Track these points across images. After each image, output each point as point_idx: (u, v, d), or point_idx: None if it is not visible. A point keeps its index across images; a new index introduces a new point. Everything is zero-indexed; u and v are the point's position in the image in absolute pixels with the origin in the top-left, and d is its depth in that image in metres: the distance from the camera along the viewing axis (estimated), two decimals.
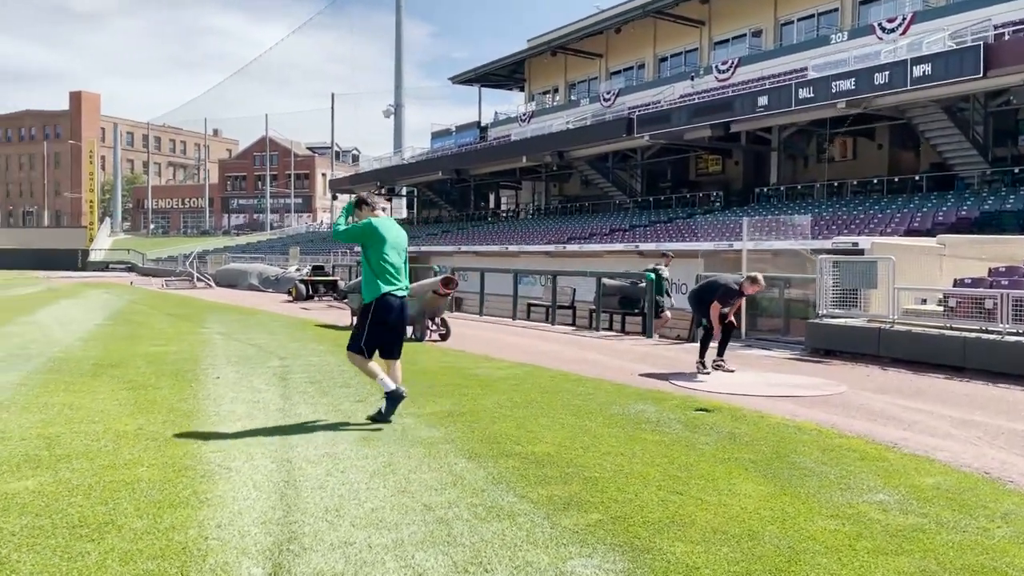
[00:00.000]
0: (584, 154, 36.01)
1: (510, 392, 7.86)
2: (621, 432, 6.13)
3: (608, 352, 12.03)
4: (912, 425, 6.76)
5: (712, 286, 9.59)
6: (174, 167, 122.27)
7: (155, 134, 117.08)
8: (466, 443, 5.64)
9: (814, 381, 9.25)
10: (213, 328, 14.60)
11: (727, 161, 36.85)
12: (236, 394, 7.53)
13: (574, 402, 7.38)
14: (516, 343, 13.07)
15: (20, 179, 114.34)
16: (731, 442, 5.90)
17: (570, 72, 48.21)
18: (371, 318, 6.25)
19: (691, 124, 28.58)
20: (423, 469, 4.94)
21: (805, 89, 24.32)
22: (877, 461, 5.43)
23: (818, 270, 12.14)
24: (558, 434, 6.01)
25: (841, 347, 11.56)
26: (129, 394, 7.38)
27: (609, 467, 5.08)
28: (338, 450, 5.38)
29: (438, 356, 10.80)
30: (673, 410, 7.09)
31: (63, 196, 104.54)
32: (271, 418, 6.46)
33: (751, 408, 7.31)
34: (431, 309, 12.89)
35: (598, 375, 9.27)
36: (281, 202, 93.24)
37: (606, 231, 30.98)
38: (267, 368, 9.28)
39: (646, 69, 43.16)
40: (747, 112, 26.29)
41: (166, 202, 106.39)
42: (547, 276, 18.46)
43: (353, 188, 50.13)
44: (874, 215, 22.26)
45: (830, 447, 5.81)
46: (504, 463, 5.10)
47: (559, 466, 5.07)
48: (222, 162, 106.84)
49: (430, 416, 6.59)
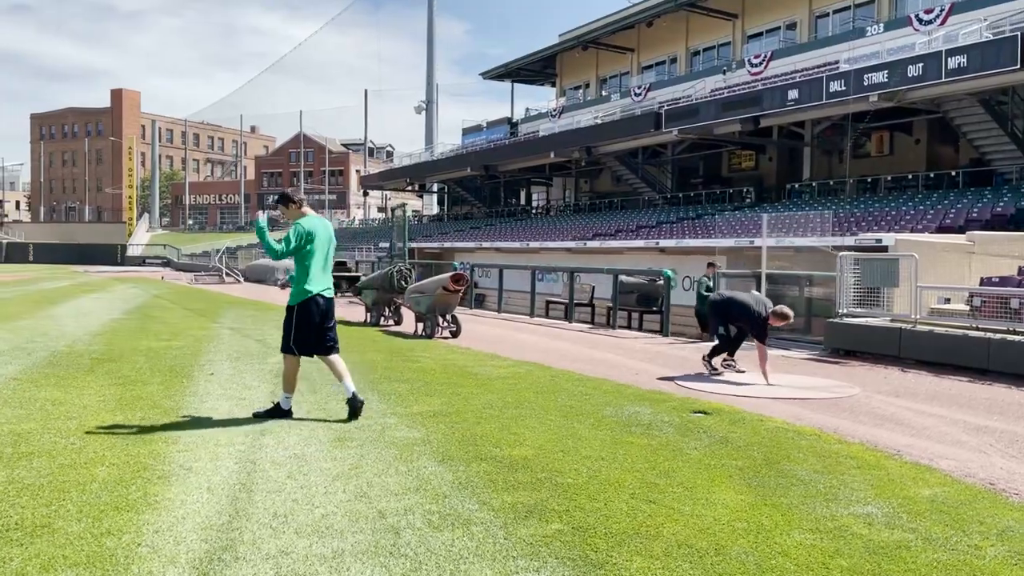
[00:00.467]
0: (612, 150, 35.58)
1: (504, 392, 7.64)
2: (608, 435, 5.88)
3: (619, 351, 11.75)
4: (921, 431, 6.42)
5: (742, 309, 9.08)
6: (212, 163, 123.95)
7: (193, 131, 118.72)
8: (443, 445, 5.43)
9: (827, 383, 8.91)
10: (225, 323, 14.59)
11: (760, 157, 36.18)
12: (225, 391, 7.41)
13: (568, 403, 7.14)
14: (527, 341, 12.85)
15: (63, 175, 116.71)
16: (722, 447, 5.62)
17: (601, 67, 47.73)
18: (296, 320, 6.13)
19: (720, 119, 28.05)
20: (389, 473, 4.74)
21: (836, 82, 23.70)
22: (874, 470, 5.11)
23: (838, 268, 11.74)
24: (541, 436, 5.78)
25: (862, 348, 11.16)
26: (117, 390, 7.29)
27: (585, 472, 4.84)
28: (308, 451, 5.21)
29: (443, 353, 10.62)
30: (669, 412, 6.82)
31: (104, 192, 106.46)
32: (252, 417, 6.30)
33: (753, 411, 7.01)
34: (441, 306, 12.71)
35: (602, 374, 9.01)
36: (315, 198, 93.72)
37: (632, 228, 30.58)
38: (265, 364, 9.17)
39: (678, 63, 42.55)
40: (777, 106, 25.71)
41: (204, 198, 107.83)
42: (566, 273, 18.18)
43: (383, 185, 50.31)
44: (906, 211, 21.61)
45: (827, 454, 5.51)
46: (476, 467, 4.89)
47: (533, 471, 4.84)
48: (258, 158, 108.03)
49: (415, 416, 6.40)
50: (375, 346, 11.33)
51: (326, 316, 6.23)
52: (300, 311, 6.14)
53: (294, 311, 6.16)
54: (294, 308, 6.17)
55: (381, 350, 10.83)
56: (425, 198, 56.54)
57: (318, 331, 6.18)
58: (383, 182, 53.79)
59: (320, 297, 6.19)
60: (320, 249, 6.21)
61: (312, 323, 6.14)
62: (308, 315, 6.13)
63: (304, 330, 6.14)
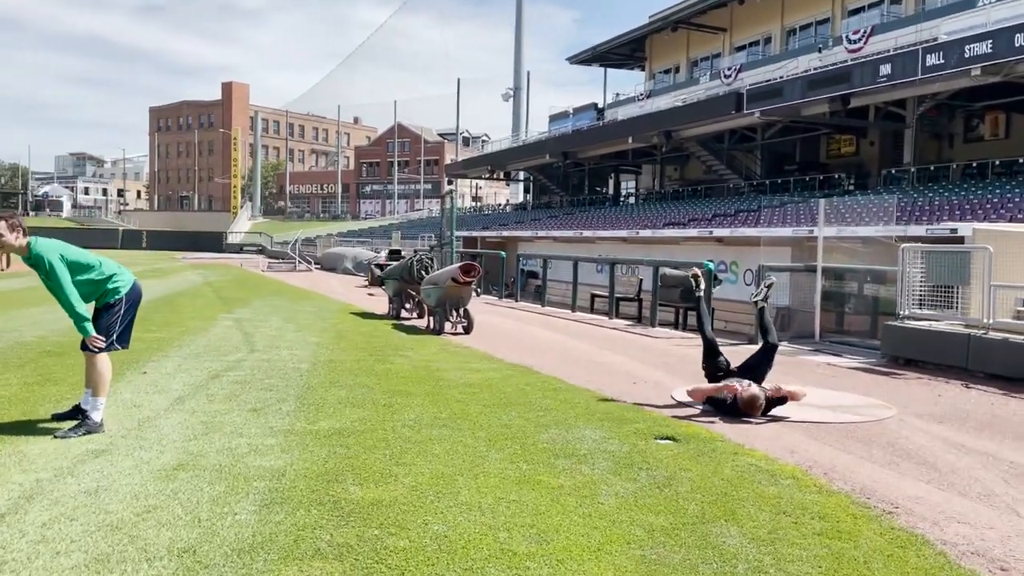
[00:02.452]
0: (694, 134, 33.58)
1: (451, 404, 6.52)
2: (518, 470, 4.68)
3: (639, 353, 10.42)
4: (946, 475, 4.93)
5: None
6: (316, 154, 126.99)
7: (299, 123, 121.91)
8: (294, 480, 4.36)
9: (860, 401, 7.37)
10: (241, 313, 13.98)
11: (861, 141, 33.49)
12: (127, 394, 6.56)
13: (512, 421, 5.95)
14: (541, 339, 11.66)
15: (178, 166, 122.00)
16: (655, 493, 4.34)
17: (692, 48, 45.47)
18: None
19: (806, 98, 25.80)
20: (179, 523, 3.71)
21: (933, 55, 21.25)
22: (840, 539, 3.74)
23: (900, 261, 10.01)
24: (433, 469, 4.64)
25: (924, 356, 9.46)
26: (18, 390, 6.56)
27: (437, 530, 3.68)
28: (100, 478, 4.23)
29: (431, 352, 9.56)
30: (625, 438, 5.54)
31: (214, 182, 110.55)
32: (116, 428, 5.40)
33: (737, 439, 5.64)
34: (452, 299, 11.66)
35: (592, 383, 7.76)
36: (412, 188, 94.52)
37: (708, 216, 28.63)
38: (220, 362, 8.34)
39: (773, 43, 39.98)
40: (868, 83, 23.36)
41: (306, 188, 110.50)
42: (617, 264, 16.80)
43: (466, 173, 49.67)
44: (1009, 199, 19.12)
45: (790, 509, 4.15)
46: (297, 516, 3.79)
47: (368, 524, 3.71)
48: (358, 149, 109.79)
49: (309, 435, 5.36)
50: (367, 342, 10.38)
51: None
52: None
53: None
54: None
55: (364, 347, 9.86)
56: (511, 187, 55.60)
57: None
58: (466, 170, 53.13)
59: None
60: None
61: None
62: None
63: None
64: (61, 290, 5.17)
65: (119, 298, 5.49)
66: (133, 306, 5.60)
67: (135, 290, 5.62)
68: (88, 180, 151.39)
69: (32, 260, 5.19)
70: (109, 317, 5.41)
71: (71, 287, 5.20)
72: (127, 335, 5.54)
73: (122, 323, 5.47)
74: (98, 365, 5.31)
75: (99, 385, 5.31)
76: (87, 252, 5.50)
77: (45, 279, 5.23)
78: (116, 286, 5.51)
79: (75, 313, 5.19)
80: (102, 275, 5.44)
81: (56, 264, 5.19)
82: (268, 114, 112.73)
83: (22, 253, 5.21)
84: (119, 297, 5.50)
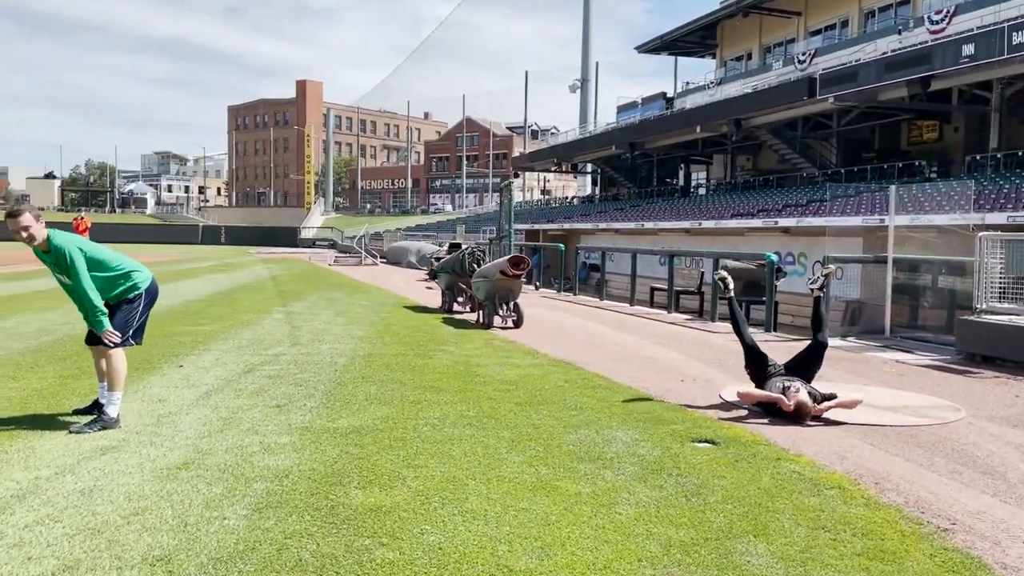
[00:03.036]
0: (764, 122, 32.45)
1: (482, 401, 6.25)
2: (536, 475, 4.37)
3: (692, 349, 9.97)
4: (1016, 487, 4.44)
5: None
6: (388, 149, 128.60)
7: (371, 119, 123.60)
8: (297, 482, 4.15)
9: (926, 401, 6.81)
10: (295, 306, 13.99)
11: (945, 127, 31.86)
12: (156, 388, 6.49)
13: (541, 421, 5.65)
14: (591, 333, 11.29)
15: (255, 163, 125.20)
16: (682, 501, 3.98)
17: (765, 34, 44.06)
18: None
19: (882, 82, 24.59)
20: (162, 527, 3.53)
21: (1021, 33, 19.95)
22: (884, 560, 3.33)
23: (977, 251, 9.31)
24: (446, 472, 4.38)
25: (1002, 353, 8.76)
26: (52, 383, 6.56)
27: (432, 541, 3.40)
28: (99, 477, 4.09)
29: (475, 348, 9.31)
30: (660, 440, 5.17)
31: (289, 178, 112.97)
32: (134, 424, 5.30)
33: (783, 443, 5.22)
34: (502, 292, 11.39)
35: (634, 381, 7.38)
36: (480, 182, 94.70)
37: (779, 207, 27.60)
38: (259, 356, 8.26)
39: (850, 26, 38.40)
40: (949, 64, 22.11)
41: (377, 183, 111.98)
42: (679, 256, 16.28)
43: (532, 165, 49.30)
44: None
45: (830, 524, 3.74)
46: (288, 522, 3.57)
47: (360, 532, 3.47)
48: (428, 143, 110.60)
49: (329, 432, 5.17)
50: (412, 337, 10.19)
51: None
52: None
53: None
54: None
55: (408, 342, 9.67)
56: (578, 179, 55.01)
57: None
58: (532, 163, 52.72)
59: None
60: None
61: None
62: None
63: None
64: (80, 282, 5.08)
65: (138, 293, 5.40)
66: (151, 303, 5.51)
67: (153, 287, 5.52)
68: (171, 178, 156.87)
69: (51, 253, 5.12)
70: (128, 312, 5.32)
71: (89, 280, 5.11)
72: (141, 331, 5.45)
73: (139, 319, 5.37)
74: (114, 360, 5.22)
75: (115, 380, 5.21)
76: (104, 248, 5.42)
77: (62, 273, 5.15)
78: (135, 282, 5.41)
79: (93, 306, 5.10)
80: (119, 271, 5.35)
81: (77, 256, 5.11)
82: (340, 111, 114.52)
83: (43, 247, 5.14)
84: (138, 292, 5.40)
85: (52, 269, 5.21)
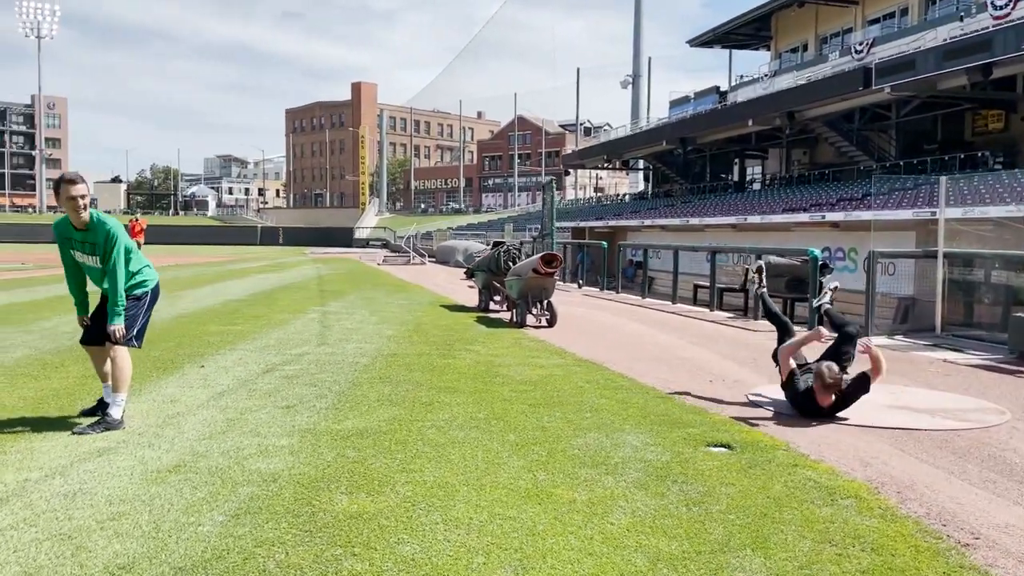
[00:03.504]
0: (819, 114, 31.57)
1: (496, 403, 6.08)
2: (532, 480, 4.19)
3: (728, 349, 9.65)
4: None
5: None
6: (442, 149, 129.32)
7: (424, 119, 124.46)
8: (281, 485, 4.04)
9: (968, 404, 6.43)
10: (332, 305, 14.01)
11: (1012, 117, 30.55)
12: (171, 388, 6.47)
13: (551, 423, 5.46)
14: (626, 332, 11.04)
15: (312, 164, 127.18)
16: (682, 510, 3.76)
17: (821, 24, 42.93)
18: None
19: (941, 70, 23.66)
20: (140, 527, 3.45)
21: None
22: None
23: None
24: (439, 477, 4.23)
25: None
26: (72, 383, 6.60)
27: (406, 552, 3.25)
28: (87, 480, 4.03)
29: (502, 347, 9.14)
30: (672, 444, 4.94)
31: (345, 179, 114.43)
32: (139, 424, 5.27)
33: (803, 448, 4.94)
34: (534, 290, 11.21)
35: (660, 381, 7.14)
36: (533, 180, 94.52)
37: (832, 201, 26.78)
38: (282, 356, 8.22)
39: (910, 13, 37.15)
40: (1011, 50, 21.16)
41: (431, 183, 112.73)
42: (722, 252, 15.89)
43: (583, 163, 48.90)
44: None
45: (838, 537, 3.48)
46: (264, 529, 3.46)
47: (334, 541, 3.34)
48: (480, 142, 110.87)
49: (331, 434, 5.06)
50: (441, 336, 10.08)
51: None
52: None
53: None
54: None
55: (435, 341, 9.55)
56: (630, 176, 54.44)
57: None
58: (583, 160, 52.33)
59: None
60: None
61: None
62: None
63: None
64: (119, 266, 5.06)
65: (145, 291, 5.37)
66: (153, 303, 5.46)
67: (157, 288, 5.49)
68: (232, 180, 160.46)
69: (90, 232, 5.05)
70: (133, 310, 5.28)
71: (123, 265, 5.10)
72: (143, 334, 5.39)
73: (143, 319, 5.34)
74: (119, 360, 5.19)
75: (120, 382, 5.19)
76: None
77: (94, 253, 5.09)
78: (146, 278, 5.39)
79: (119, 293, 5.08)
80: (138, 264, 5.33)
81: (123, 238, 5.12)
82: (394, 111, 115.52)
83: (84, 221, 5.06)
84: (146, 291, 5.38)
85: (80, 248, 5.14)
